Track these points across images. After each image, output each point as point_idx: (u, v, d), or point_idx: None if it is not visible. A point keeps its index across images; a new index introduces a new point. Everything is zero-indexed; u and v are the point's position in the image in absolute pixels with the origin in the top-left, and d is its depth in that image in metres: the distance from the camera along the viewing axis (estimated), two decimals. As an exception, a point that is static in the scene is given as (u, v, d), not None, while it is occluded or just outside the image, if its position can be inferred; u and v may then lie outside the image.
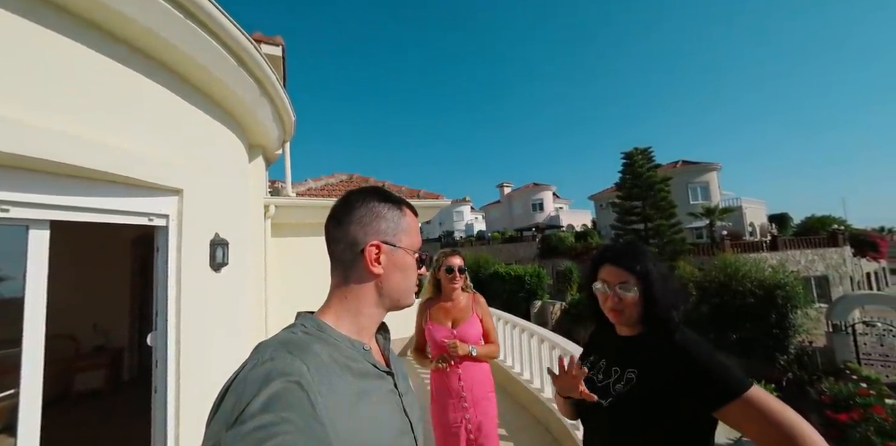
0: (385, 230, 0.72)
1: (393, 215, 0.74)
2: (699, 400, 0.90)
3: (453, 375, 2.04)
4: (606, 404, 1.04)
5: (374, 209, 0.72)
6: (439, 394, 2.08)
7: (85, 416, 3.74)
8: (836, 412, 6.59)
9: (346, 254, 0.71)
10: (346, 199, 0.74)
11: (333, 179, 6.58)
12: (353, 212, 0.72)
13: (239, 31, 2.34)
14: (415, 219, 0.78)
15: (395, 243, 0.72)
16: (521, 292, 17.54)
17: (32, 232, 1.66)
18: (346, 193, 0.76)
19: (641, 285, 1.07)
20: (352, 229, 0.70)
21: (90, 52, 1.79)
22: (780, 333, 10.70)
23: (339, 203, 0.75)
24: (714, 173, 26.93)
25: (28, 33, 1.55)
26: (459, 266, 2.14)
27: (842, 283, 18.23)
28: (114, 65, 1.91)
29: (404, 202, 0.78)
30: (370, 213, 0.72)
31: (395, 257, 0.72)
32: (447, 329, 2.09)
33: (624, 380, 1.04)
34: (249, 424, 0.45)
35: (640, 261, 1.09)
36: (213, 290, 2.65)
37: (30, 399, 1.58)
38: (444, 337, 2.05)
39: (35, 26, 1.57)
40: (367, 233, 0.70)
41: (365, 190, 0.76)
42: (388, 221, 0.72)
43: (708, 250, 18.31)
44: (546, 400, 3.48)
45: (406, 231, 0.74)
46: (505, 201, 43.93)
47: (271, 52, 4.76)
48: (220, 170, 2.88)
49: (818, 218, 24.95)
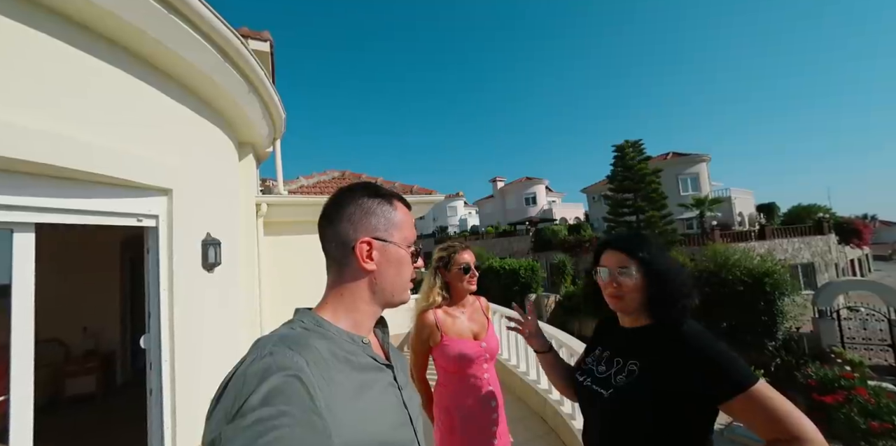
0: (376, 226, 0.71)
1: (383, 210, 0.73)
2: (706, 394, 0.89)
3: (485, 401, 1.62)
4: (607, 395, 1.03)
5: (364, 205, 0.72)
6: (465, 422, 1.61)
7: (78, 421, 3.70)
8: (821, 395, 6.80)
9: (338, 252, 0.71)
10: (336, 197, 0.74)
11: (326, 176, 6.52)
12: (342, 209, 0.72)
13: (226, 26, 2.29)
14: (408, 213, 0.78)
15: (386, 238, 0.71)
16: (515, 286, 17.65)
17: (17, 235, 1.62)
18: (337, 191, 0.76)
19: (643, 271, 1.04)
20: (342, 227, 0.70)
21: (69, 49, 1.74)
22: (769, 320, 10.97)
23: (329, 201, 0.74)
24: (704, 164, 27.24)
25: (11, 31, 1.50)
26: (476, 263, 1.77)
27: (827, 270, 18.69)
28: (94, 61, 1.86)
29: (395, 195, 0.77)
30: (360, 210, 0.71)
31: (388, 252, 0.72)
32: (475, 342, 1.67)
33: (625, 372, 1.02)
34: (249, 417, 0.46)
35: (643, 246, 1.07)
36: (207, 290, 2.62)
37: (21, 404, 1.56)
38: (474, 352, 1.63)
39: (16, 24, 1.52)
40: (358, 229, 0.70)
41: (354, 186, 0.75)
42: (378, 217, 0.72)
43: (698, 240, 18.58)
44: (542, 390, 3.53)
45: (398, 225, 0.74)
46: (498, 196, 44.00)
47: (259, 47, 4.67)
48: (209, 168, 2.84)
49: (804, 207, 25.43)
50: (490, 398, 1.64)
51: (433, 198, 6.45)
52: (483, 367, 1.67)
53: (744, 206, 27.18)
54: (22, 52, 1.56)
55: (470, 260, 1.74)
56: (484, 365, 1.67)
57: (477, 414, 1.61)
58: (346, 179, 6.55)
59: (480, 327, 1.75)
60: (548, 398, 3.39)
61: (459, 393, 1.63)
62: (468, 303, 1.80)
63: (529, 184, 40.28)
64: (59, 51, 1.69)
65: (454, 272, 1.72)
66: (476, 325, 1.74)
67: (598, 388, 1.06)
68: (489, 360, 1.70)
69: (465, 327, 1.70)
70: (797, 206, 26.10)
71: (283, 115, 3.89)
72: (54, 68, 1.68)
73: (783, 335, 11.01)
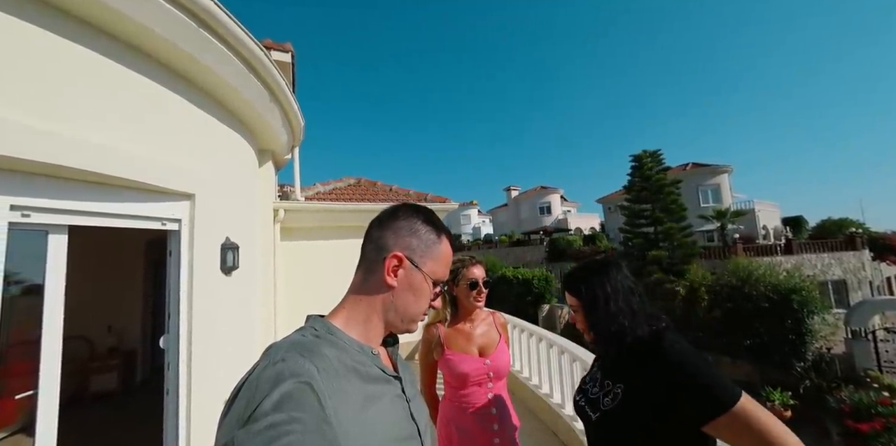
0: (415, 247, 0.73)
1: (429, 238, 0.75)
2: (685, 417, 0.87)
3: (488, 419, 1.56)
4: (594, 419, 1.04)
5: (415, 226, 0.75)
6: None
7: (99, 417, 3.81)
8: (856, 421, 6.37)
9: (372, 255, 0.73)
10: (397, 207, 0.78)
11: (342, 183, 6.64)
12: (395, 220, 0.75)
13: (250, 39, 2.40)
14: (448, 252, 0.78)
15: (418, 264, 0.73)
16: (528, 296, 17.39)
17: (52, 237, 1.71)
18: (402, 203, 0.80)
19: (580, 304, 1.10)
20: (386, 234, 0.73)
21: (108, 62, 1.85)
22: (797, 339, 10.42)
23: (389, 208, 0.78)
24: (725, 176, 26.48)
25: (53, 46, 1.61)
26: (484, 279, 1.68)
27: (861, 288, 17.69)
28: (130, 74, 1.97)
29: (446, 231, 0.79)
30: (408, 227, 0.74)
31: (413, 277, 0.72)
32: (477, 359, 1.62)
33: (611, 396, 1.02)
34: (261, 423, 0.46)
35: (585, 282, 1.11)
36: (224, 293, 2.68)
37: (48, 399, 1.62)
38: (474, 368, 1.59)
39: (58, 38, 1.63)
40: (398, 243, 0.72)
41: (418, 207, 0.79)
42: (420, 240, 0.74)
43: (720, 253, 17.94)
44: (555, 405, 3.43)
45: (435, 258, 0.75)
46: (512, 204, 43.76)
47: (281, 58, 4.85)
48: (230, 174, 2.94)
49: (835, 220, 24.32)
50: (491, 420, 1.56)
51: (447, 207, 6.48)
52: (487, 386, 1.60)
53: (769, 219, 26.18)
54: (60, 65, 1.67)
55: (479, 275, 1.68)
56: (488, 384, 1.60)
57: (475, 433, 1.55)
58: (361, 186, 6.66)
59: (488, 343, 1.67)
60: (560, 413, 3.29)
61: (459, 408, 1.60)
62: (479, 317, 1.74)
63: (544, 193, 39.94)
64: (92, 61, 1.80)
65: (462, 287, 1.67)
66: (484, 341, 1.67)
67: (588, 410, 1.08)
68: (494, 379, 1.61)
69: (469, 342, 1.65)
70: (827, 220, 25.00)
71: (303, 123, 4.01)
72: (87, 80, 1.78)
73: (812, 355, 10.42)
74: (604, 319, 1.05)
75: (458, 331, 1.68)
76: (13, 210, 1.53)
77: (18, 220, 1.55)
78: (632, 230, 20.96)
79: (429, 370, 1.69)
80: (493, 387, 1.62)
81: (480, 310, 1.75)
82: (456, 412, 1.61)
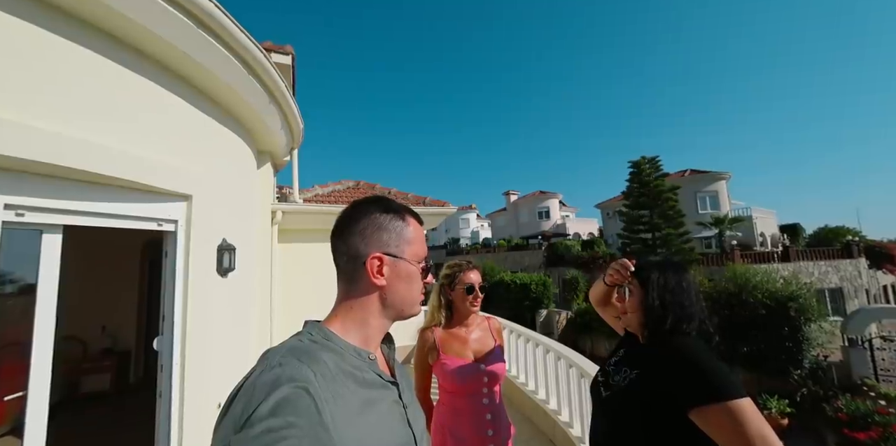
0: (387, 241, 0.71)
1: (395, 225, 0.73)
2: (678, 395, 0.91)
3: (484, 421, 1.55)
4: (604, 396, 1.11)
5: (376, 220, 0.72)
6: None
7: (91, 419, 3.76)
8: (853, 430, 6.36)
9: (349, 266, 0.71)
10: (348, 211, 0.75)
11: (340, 186, 6.64)
12: (354, 224, 0.72)
13: (251, 41, 2.40)
14: (419, 228, 0.77)
15: (397, 254, 0.71)
16: (526, 300, 17.37)
17: (46, 236, 1.69)
18: (349, 205, 0.76)
19: (639, 290, 1.11)
20: (353, 241, 0.70)
21: (107, 62, 1.85)
22: (794, 346, 10.40)
23: (341, 215, 0.75)
24: (723, 182, 26.61)
25: (53, 46, 1.61)
26: (480, 284, 1.70)
27: (857, 296, 17.74)
28: (129, 74, 1.97)
29: (408, 210, 0.77)
30: (372, 225, 0.71)
31: (399, 268, 0.71)
32: (472, 363, 1.62)
33: (627, 381, 1.08)
34: (258, 427, 0.46)
35: (647, 266, 1.13)
36: (220, 295, 2.66)
37: (37, 401, 1.60)
38: (469, 372, 1.59)
39: (58, 38, 1.63)
40: (369, 244, 0.70)
41: (367, 200, 0.76)
42: (389, 232, 0.72)
43: (717, 260, 17.98)
44: (551, 411, 3.41)
45: (409, 241, 0.73)
46: (511, 209, 43.82)
47: (281, 60, 4.86)
48: (228, 175, 2.93)
49: (831, 228, 24.44)
50: (486, 426, 1.55)
51: (446, 211, 6.48)
52: (482, 391, 1.59)
53: (766, 226, 26.28)
54: (62, 65, 1.66)
55: (475, 280, 1.69)
56: (483, 390, 1.59)
57: (469, 439, 1.54)
58: (360, 189, 6.66)
59: (483, 348, 1.68)
60: (557, 419, 3.27)
61: (454, 413, 1.59)
62: (474, 322, 1.75)
63: (543, 197, 40.04)
64: (92, 61, 1.80)
65: (458, 291, 1.68)
66: (478, 346, 1.68)
67: (602, 388, 1.15)
68: (489, 384, 1.61)
69: (465, 347, 1.65)
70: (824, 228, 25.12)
71: (302, 126, 4.02)
72: (86, 80, 1.78)
73: (810, 363, 10.41)
74: (660, 313, 1.06)
75: (453, 335, 1.68)
76: (7, 209, 1.52)
77: (12, 219, 1.54)
78: (630, 236, 21.02)
79: (424, 373, 1.68)
80: (488, 393, 1.61)
81: (476, 314, 1.75)
82: (450, 417, 1.60)
